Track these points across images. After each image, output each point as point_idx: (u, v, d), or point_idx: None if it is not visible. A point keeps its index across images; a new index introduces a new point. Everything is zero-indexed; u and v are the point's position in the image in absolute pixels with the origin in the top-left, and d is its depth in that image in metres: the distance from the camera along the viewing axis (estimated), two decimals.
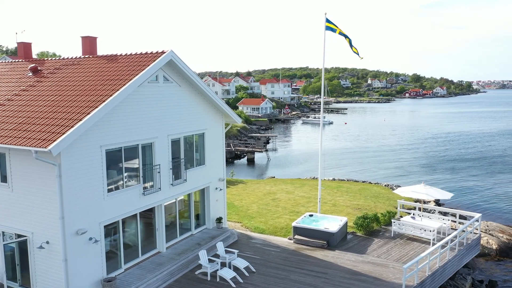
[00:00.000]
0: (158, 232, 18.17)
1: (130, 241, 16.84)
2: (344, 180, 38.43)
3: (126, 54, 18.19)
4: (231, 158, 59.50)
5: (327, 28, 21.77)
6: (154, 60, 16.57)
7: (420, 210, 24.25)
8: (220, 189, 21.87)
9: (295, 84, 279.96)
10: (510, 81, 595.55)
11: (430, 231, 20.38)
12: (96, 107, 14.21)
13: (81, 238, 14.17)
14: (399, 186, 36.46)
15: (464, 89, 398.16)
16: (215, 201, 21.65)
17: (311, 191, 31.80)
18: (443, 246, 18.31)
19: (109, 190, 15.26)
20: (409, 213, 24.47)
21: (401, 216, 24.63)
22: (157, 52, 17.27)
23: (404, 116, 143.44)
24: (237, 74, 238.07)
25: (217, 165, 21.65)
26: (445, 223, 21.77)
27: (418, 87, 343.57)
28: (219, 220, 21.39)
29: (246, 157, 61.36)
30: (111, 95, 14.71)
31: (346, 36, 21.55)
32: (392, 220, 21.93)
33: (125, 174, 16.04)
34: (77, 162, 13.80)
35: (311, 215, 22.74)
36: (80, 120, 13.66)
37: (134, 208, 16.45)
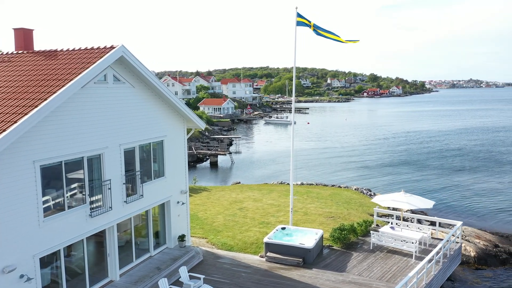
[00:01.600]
0: (109, 258, 15.54)
1: (76, 267, 14.15)
2: (313, 184, 36.85)
3: (68, 50, 15.45)
4: (193, 161, 56.68)
5: (299, 23, 19.86)
6: (102, 57, 13.97)
7: (399, 219, 22.85)
8: (183, 203, 19.45)
9: (256, 84, 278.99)
10: (459, 81, 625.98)
11: (412, 242, 18.93)
12: (27, 113, 11.49)
13: (9, 277, 11.40)
14: (369, 190, 35.32)
15: (418, 88, 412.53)
16: (177, 216, 19.21)
17: (280, 198, 29.91)
18: (429, 261, 16.83)
19: (46, 214, 12.55)
20: (386, 222, 23.07)
21: (378, 225, 23.21)
22: (105, 48, 14.66)
23: (364, 115, 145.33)
24: (198, 73, 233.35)
25: (179, 175, 19.22)
26: (425, 232, 20.46)
27: (375, 86, 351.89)
28: (181, 238, 18.96)
29: (209, 161, 58.77)
30: (46, 99, 12.04)
31: (325, 30, 19.68)
32: (371, 232, 20.32)
33: (67, 194, 13.35)
34: (1, 183, 11.03)
35: (283, 228, 20.77)
36: (5, 130, 10.91)
37: (80, 234, 13.77)
